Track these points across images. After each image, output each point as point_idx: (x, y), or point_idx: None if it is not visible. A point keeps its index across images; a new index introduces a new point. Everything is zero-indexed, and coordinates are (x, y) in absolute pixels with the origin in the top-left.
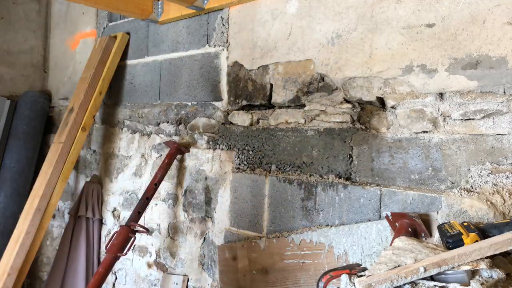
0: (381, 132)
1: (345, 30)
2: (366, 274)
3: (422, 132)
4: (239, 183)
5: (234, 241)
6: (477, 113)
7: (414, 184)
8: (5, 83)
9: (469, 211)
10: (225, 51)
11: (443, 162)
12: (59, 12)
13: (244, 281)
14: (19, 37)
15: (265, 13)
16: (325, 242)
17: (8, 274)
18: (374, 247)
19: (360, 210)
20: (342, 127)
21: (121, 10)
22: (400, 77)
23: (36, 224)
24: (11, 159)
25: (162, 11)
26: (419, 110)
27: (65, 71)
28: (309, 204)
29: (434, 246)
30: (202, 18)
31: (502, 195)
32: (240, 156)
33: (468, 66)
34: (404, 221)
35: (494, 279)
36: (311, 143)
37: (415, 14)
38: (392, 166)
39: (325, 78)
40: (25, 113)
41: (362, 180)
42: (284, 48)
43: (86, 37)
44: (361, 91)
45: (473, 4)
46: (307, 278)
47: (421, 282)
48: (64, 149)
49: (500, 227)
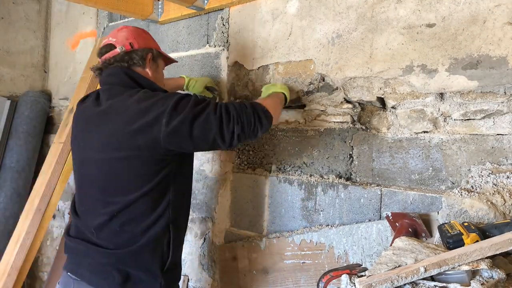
0: (382, 132)
1: (345, 30)
2: (366, 274)
3: (422, 132)
4: (239, 183)
5: (235, 241)
6: (478, 113)
7: (415, 184)
8: (5, 83)
9: (469, 211)
10: (225, 51)
11: (443, 162)
12: (59, 12)
13: (244, 281)
14: (19, 37)
15: (266, 13)
16: (326, 242)
17: (8, 274)
18: (375, 247)
19: (361, 210)
20: (342, 127)
21: (121, 10)
22: (400, 77)
23: (36, 224)
24: (11, 159)
25: (162, 11)
26: (419, 110)
27: (65, 71)
28: (309, 204)
29: (435, 246)
30: (202, 18)
31: (503, 195)
32: (240, 156)
33: (468, 66)
34: (405, 221)
35: (494, 279)
36: (311, 143)
37: (416, 14)
38: (392, 166)
39: (325, 78)
40: (25, 113)
41: (362, 180)
42: (284, 48)
43: (86, 37)
44: (361, 91)
45: (474, 4)
46: (307, 278)
47: (422, 282)
48: (64, 149)
49: (501, 227)
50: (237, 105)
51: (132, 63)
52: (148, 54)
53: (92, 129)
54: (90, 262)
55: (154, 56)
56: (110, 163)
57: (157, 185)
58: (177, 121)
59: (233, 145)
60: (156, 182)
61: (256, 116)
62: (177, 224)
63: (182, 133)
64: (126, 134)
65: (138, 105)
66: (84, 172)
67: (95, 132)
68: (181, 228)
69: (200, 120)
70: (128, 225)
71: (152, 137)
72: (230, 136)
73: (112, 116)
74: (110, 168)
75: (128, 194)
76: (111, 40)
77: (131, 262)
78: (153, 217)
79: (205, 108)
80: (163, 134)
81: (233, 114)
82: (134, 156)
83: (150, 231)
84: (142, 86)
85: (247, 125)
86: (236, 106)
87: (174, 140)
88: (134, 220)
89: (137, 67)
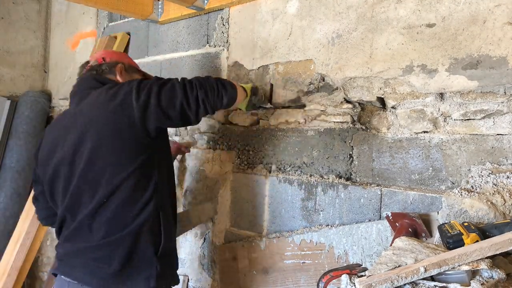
0: (382, 132)
1: (345, 30)
2: (366, 274)
3: (422, 132)
4: (239, 183)
5: (235, 241)
6: (478, 113)
7: (415, 184)
8: (5, 83)
9: (469, 211)
10: (225, 51)
11: (443, 162)
12: (59, 12)
13: (244, 281)
14: (19, 37)
15: (266, 13)
16: (326, 242)
17: (8, 274)
18: (375, 247)
19: (361, 210)
20: (342, 127)
21: (121, 10)
22: (400, 77)
23: (36, 224)
24: (11, 159)
25: (162, 11)
26: (419, 110)
27: (65, 71)
28: (309, 204)
29: (435, 246)
30: (202, 18)
31: (503, 195)
32: (240, 156)
33: (468, 66)
34: (405, 221)
35: (494, 279)
36: (311, 143)
37: (416, 14)
38: (392, 166)
39: (325, 78)
40: (25, 113)
41: (362, 180)
42: (284, 48)
43: (86, 37)
44: (361, 91)
45: (474, 4)
46: (307, 278)
47: (422, 282)
48: None
49: (501, 227)
50: (201, 76)
51: (101, 70)
52: (117, 65)
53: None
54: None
55: (127, 67)
56: (92, 151)
57: (140, 167)
58: (144, 95)
59: (200, 113)
60: (140, 164)
61: (220, 83)
62: (165, 210)
63: (152, 105)
64: (102, 119)
65: (106, 94)
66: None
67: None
68: (169, 214)
69: (165, 89)
70: (118, 210)
71: (127, 116)
72: (195, 102)
73: (85, 111)
74: (91, 156)
75: (113, 178)
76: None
77: (125, 247)
78: (142, 201)
79: (169, 80)
80: (136, 111)
81: (195, 82)
82: (115, 140)
83: (140, 216)
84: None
85: (210, 90)
86: (199, 76)
87: (146, 112)
88: (123, 205)
89: (107, 74)
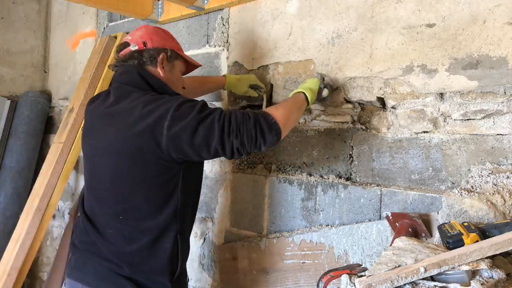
0: (382, 132)
1: (345, 30)
2: (366, 274)
3: (422, 132)
4: (239, 183)
5: (235, 241)
6: (478, 113)
7: (415, 184)
8: (5, 83)
9: (469, 211)
10: (225, 51)
11: (443, 162)
12: (59, 12)
13: (244, 281)
14: (19, 37)
15: (265, 13)
16: (326, 243)
17: (8, 274)
18: (375, 247)
19: (361, 210)
20: (342, 127)
21: (121, 10)
22: (400, 77)
23: (36, 224)
24: (11, 159)
25: (162, 11)
26: (419, 110)
27: (65, 71)
28: (309, 204)
29: (435, 246)
30: (202, 18)
31: (503, 195)
32: None
33: (468, 66)
34: (405, 221)
35: (494, 279)
36: (311, 143)
37: (416, 14)
38: (392, 166)
39: (325, 78)
40: (25, 113)
41: (362, 180)
42: (284, 48)
43: (86, 37)
44: (361, 91)
45: (474, 4)
46: (307, 278)
47: (422, 282)
48: (64, 149)
49: (501, 227)
50: (240, 116)
51: (143, 61)
52: (160, 53)
53: (100, 130)
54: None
55: (169, 56)
56: (116, 166)
57: (162, 192)
58: (179, 127)
59: (236, 158)
60: (161, 188)
61: (259, 130)
62: (184, 235)
63: (183, 139)
64: (129, 137)
65: (142, 109)
66: (93, 172)
67: (102, 133)
68: (187, 239)
69: (203, 128)
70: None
71: (154, 139)
72: (230, 150)
73: (117, 118)
74: (115, 171)
75: (133, 199)
76: (127, 38)
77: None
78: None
79: (209, 116)
80: (164, 138)
81: (233, 126)
82: (138, 159)
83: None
84: (152, 87)
85: (247, 140)
86: (238, 117)
87: (175, 145)
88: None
89: (149, 65)
